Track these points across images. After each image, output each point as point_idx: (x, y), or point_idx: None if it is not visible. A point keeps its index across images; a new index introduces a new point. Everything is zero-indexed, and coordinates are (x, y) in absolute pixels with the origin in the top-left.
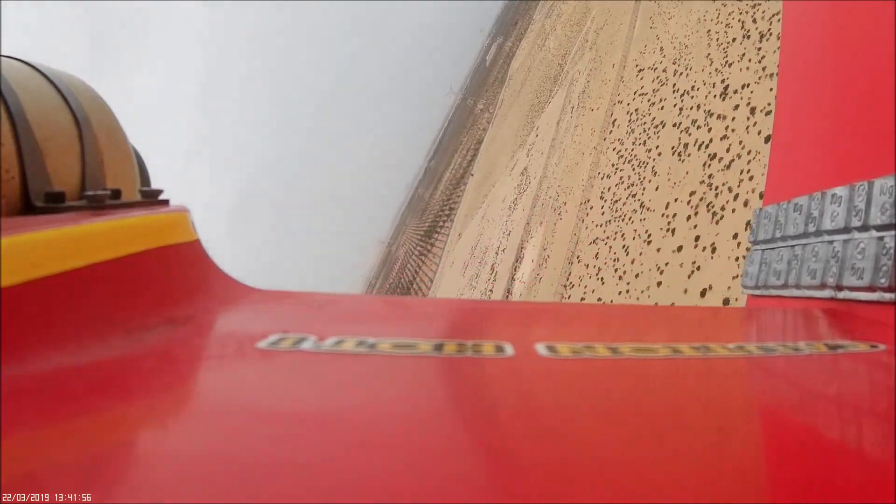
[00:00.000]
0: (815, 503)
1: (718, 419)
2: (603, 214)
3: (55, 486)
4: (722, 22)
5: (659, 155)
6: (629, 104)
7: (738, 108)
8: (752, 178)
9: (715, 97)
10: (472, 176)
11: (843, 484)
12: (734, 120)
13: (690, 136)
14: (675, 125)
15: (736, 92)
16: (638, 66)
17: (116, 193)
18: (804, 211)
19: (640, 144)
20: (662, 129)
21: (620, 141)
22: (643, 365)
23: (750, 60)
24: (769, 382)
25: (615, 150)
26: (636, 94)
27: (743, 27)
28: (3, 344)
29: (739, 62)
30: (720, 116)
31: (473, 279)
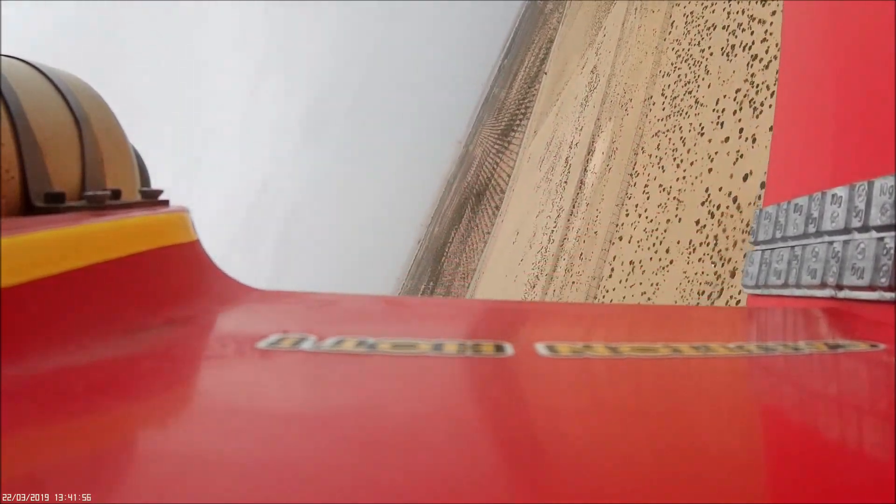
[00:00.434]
0: (814, 503)
1: (718, 419)
2: (664, 110)
3: (55, 486)
4: None
5: (711, 55)
6: (685, 6)
7: (775, 13)
8: None
9: (757, 2)
10: (545, 74)
11: (843, 483)
12: (772, 24)
13: (737, 38)
14: (724, 27)
15: None
16: None
17: (116, 194)
18: (804, 211)
19: (695, 45)
20: (714, 31)
21: (678, 41)
22: (643, 364)
23: None
24: (769, 382)
25: (674, 49)
26: None
27: None
28: (3, 344)
29: None
30: (760, 21)
31: (549, 172)
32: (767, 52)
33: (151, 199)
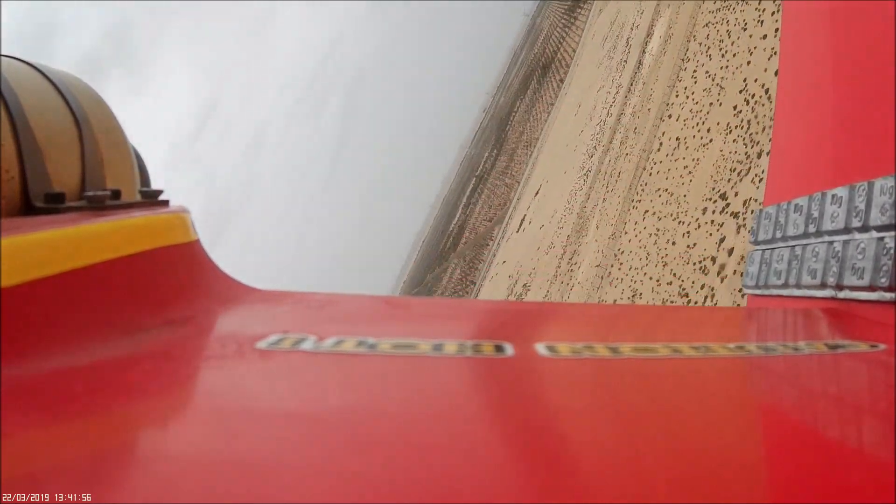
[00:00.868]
0: (815, 503)
1: (719, 419)
2: (715, 3)
3: (55, 486)
4: None
5: None
6: None
7: None
8: None
9: None
10: None
11: (843, 483)
12: None
13: None
14: None
15: None
16: None
17: (116, 194)
18: (804, 211)
19: None
20: None
21: None
22: (643, 365)
23: None
24: (769, 382)
25: None
26: None
27: None
28: (3, 344)
29: None
30: None
31: (611, 51)
32: None
33: (151, 199)
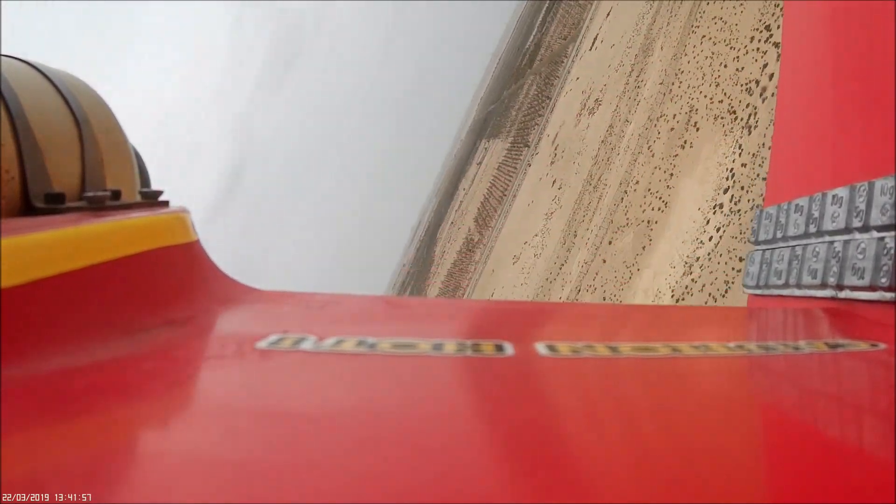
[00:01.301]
0: (815, 502)
1: (719, 418)
2: None
3: (55, 486)
4: None
5: None
6: None
7: None
8: None
9: None
10: None
11: (843, 482)
12: None
13: None
14: None
15: None
16: None
17: (116, 194)
18: (805, 212)
19: None
20: None
21: None
22: (643, 364)
23: None
24: (769, 381)
25: None
26: None
27: None
28: (3, 344)
29: None
30: None
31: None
32: None
33: (151, 199)
